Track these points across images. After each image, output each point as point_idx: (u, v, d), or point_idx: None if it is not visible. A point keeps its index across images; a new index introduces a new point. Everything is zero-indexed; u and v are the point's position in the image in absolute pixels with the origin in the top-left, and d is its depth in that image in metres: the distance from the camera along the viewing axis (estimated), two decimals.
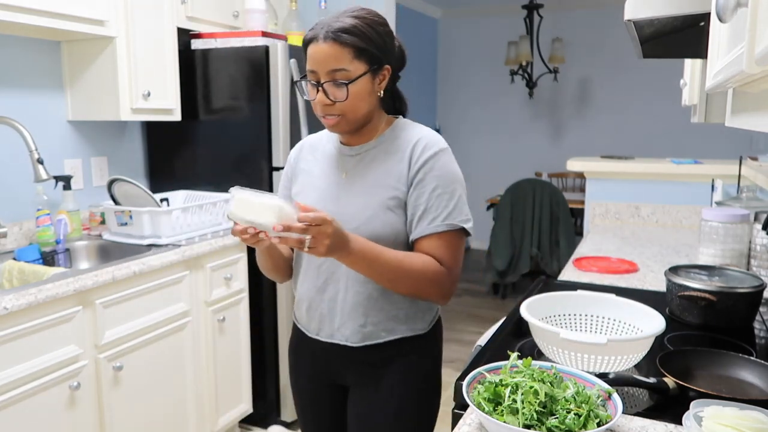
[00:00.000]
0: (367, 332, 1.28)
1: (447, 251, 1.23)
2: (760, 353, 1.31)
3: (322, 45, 1.17)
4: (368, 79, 1.21)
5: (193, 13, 2.51)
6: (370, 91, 1.23)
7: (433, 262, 1.21)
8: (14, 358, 1.60)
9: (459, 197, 1.25)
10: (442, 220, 1.22)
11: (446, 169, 1.25)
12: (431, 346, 1.37)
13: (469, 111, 6.40)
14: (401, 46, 1.31)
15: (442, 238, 1.22)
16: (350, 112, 1.22)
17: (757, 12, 0.54)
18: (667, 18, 1.21)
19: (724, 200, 2.15)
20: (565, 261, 4.25)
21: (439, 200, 1.22)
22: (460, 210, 1.24)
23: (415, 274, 1.19)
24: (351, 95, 1.19)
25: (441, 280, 1.22)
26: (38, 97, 2.29)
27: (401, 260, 1.19)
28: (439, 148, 1.26)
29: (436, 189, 1.22)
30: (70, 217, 2.25)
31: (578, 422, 0.86)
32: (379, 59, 1.21)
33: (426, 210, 1.22)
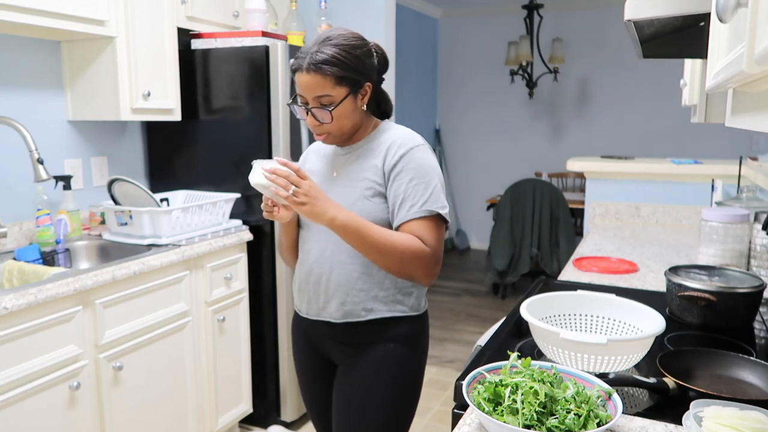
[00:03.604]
0: (347, 310, 1.40)
1: (427, 233, 1.34)
2: (760, 353, 1.31)
3: (306, 76, 1.31)
4: (350, 100, 1.36)
5: (193, 13, 2.51)
6: (354, 109, 1.38)
7: (417, 240, 1.33)
8: (14, 358, 1.60)
9: (435, 187, 1.36)
10: (419, 207, 1.34)
11: (421, 161, 1.37)
12: (413, 337, 1.44)
13: (469, 111, 6.40)
14: (382, 53, 1.44)
15: (421, 223, 1.34)
16: (336, 130, 1.38)
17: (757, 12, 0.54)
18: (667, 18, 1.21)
19: (724, 200, 2.15)
20: (565, 261, 4.26)
21: (415, 189, 1.34)
22: (436, 198, 1.35)
23: (401, 248, 1.31)
24: (335, 117, 1.35)
25: (425, 257, 1.33)
26: (38, 97, 2.29)
27: (389, 234, 1.32)
28: (414, 144, 1.38)
29: (412, 180, 1.35)
30: (70, 217, 2.25)
31: (578, 422, 0.86)
32: (358, 81, 1.35)
33: (404, 199, 1.34)
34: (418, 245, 1.32)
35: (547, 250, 4.54)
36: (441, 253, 1.37)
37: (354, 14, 3.17)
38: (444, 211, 1.36)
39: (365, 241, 1.30)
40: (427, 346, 1.51)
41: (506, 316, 1.55)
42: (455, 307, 4.67)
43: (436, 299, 4.84)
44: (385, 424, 1.43)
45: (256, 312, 2.60)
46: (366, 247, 1.31)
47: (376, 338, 1.41)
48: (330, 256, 1.40)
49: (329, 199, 1.30)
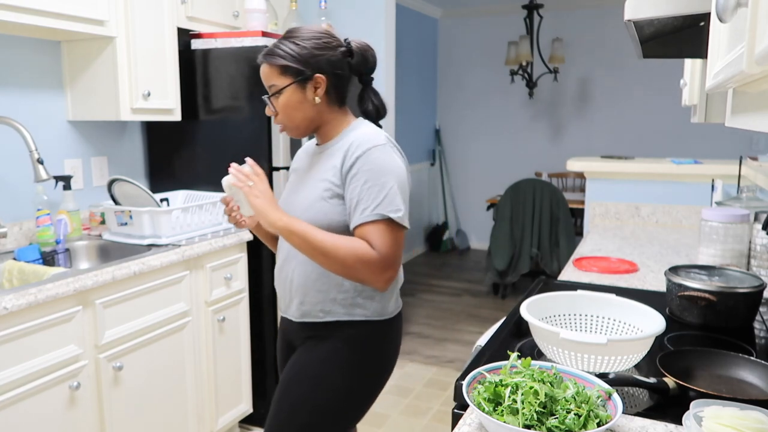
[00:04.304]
0: (305, 310, 1.45)
1: (377, 237, 1.32)
2: (760, 353, 1.31)
3: (261, 67, 1.41)
4: (295, 90, 1.39)
5: (193, 13, 2.51)
6: (301, 101, 1.40)
7: (364, 244, 1.32)
8: (14, 358, 1.60)
9: (390, 189, 1.34)
10: (371, 210, 1.32)
11: (377, 163, 1.35)
12: (369, 343, 1.45)
13: (469, 111, 6.40)
14: (360, 51, 1.43)
15: (373, 227, 1.32)
16: (286, 120, 1.43)
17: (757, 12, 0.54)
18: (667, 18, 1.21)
19: (724, 200, 2.15)
20: (565, 261, 4.26)
21: (369, 192, 1.33)
22: (390, 201, 1.33)
23: (344, 251, 1.31)
24: (281, 106, 1.41)
25: (371, 262, 1.31)
26: (38, 97, 2.29)
27: (334, 238, 1.33)
28: (371, 145, 1.36)
29: (366, 182, 1.33)
30: (70, 217, 2.25)
31: (578, 422, 0.86)
32: (302, 72, 1.38)
33: (358, 201, 1.34)
34: (363, 250, 1.31)
35: (547, 250, 4.54)
36: (393, 257, 1.33)
37: (354, 14, 3.17)
38: (396, 215, 1.32)
39: (308, 244, 1.33)
40: (390, 353, 1.50)
41: (506, 316, 1.55)
42: (455, 307, 4.67)
43: (436, 299, 4.84)
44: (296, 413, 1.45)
45: (256, 312, 2.60)
46: (310, 250, 1.34)
47: (328, 335, 1.44)
48: (295, 255, 1.44)
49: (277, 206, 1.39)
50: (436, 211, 6.71)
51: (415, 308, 4.59)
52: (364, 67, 1.45)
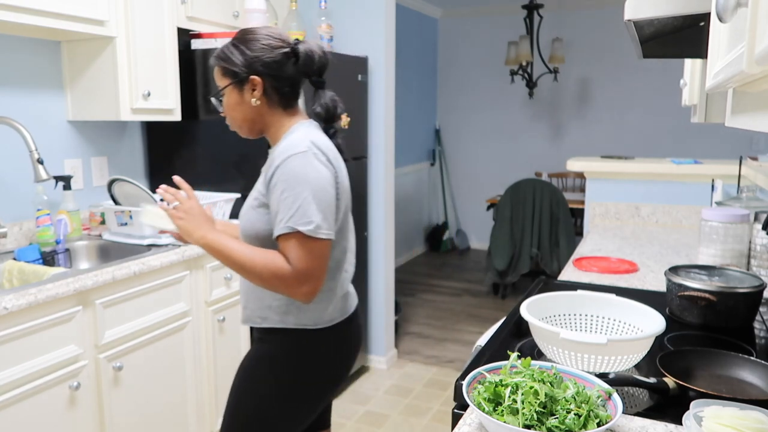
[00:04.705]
0: (247, 315, 1.50)
1: (291, 251, 1.32)
2: (760, 353, 1.31)
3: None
4: (232, 92, 1.42)
5: (193, 13, 2.51)
6: (239, 101, 1.42)
7: (279, 259, 1.32)
8: (14, 358, 1.60)
9: (304, 200, 1.30)
10: (284, 223, 1.31)
11: (292, 173, 1.32)
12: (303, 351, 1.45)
13: (469, 111, 6.40)
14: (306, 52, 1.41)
15: (287, 240, 1.32)
16: (230, 120, 1.47)
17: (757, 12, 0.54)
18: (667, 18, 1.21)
19: (724, 200, 2.15)
20: (565, 261, 4.25)
21: (284, 203, 1.31)
22: (303, 213, 1.30)
23: (259, 266, 1.33)
24: (224, 107, 1.45)
25: (284, 276, 1.32)
26: (38, 97, 2.29)
27: (251, 253, 1.35)
28: (290, 153, 1.34)
29: (283, 192, 1.32)
30: (70, 217, 2.25)
31: (578, 422, 0.86)
32: (236, 73, 1.40)
33: (277, 213, 1.33)
34: (277, 265, 1.31)
35: (547, 250, 4.54)
36: (308, 271, 1.31)
37: (354, 14, 3.17)
38: (307, 228, 1.29)
39: (228, 260, 1.37)
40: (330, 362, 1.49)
41: (506, 316, 1.55)
42: (455, 307, 4.67)
43: (436, 299, 4.84)
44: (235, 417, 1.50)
45: None
46: (230, 265, 1.38)
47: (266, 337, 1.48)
48: None
49: (207, 220, 1.43)
50: (436, 211, 6.71)
51: (415, 308, 4.60)
52: (310, 70, 1.43)
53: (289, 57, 1.40)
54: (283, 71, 1.41)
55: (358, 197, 3.18)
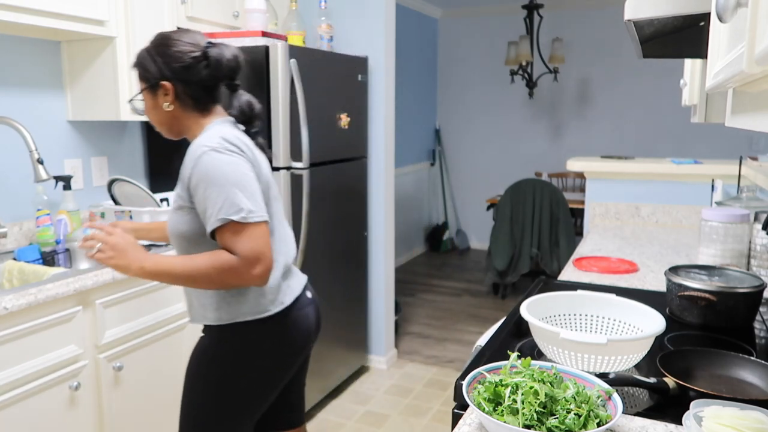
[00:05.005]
0: (193, 314, 1.53)
1: (231, 241, 1.33)
2: (760, 353, 1.31)
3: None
4: (147, 96, 1.46)
5: (193, 13, 2.51)
6: (154, 105, 1.46)
7: (221, 254, 1.34)
8: (14, 358, 1.60)
9: (228, 191, 1.33)
10: (215, 217, 1.33)
11: (209, 168, 1.34)
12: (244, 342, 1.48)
13: (469, 111, 6.40)
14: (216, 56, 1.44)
15: (223, 232, 1.34)
16: (155, 123, 1.50)
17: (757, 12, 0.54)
18: (667, 18, 1.21)
19: (724, 200, 2.15)
20: (565, 261, 4.26)
21: (210, 200, 1.33)
22: (230, 203, 1.32)
23: (205, 269, 1.34)
24: (145, 109, 1.49)
25: (233, 266, 1.33)
26: (38, 97, 2.29)
27: (192, 261, 1.36)
28: (202, 152, 1.35)
29: (206, 190, 1.34)
30: (70, 217, 2.25)
31: (578, 422, 0.86)
32: (149, 79, 1.44)
33: (205, 210, 1.35)
34: (222, 259, 1.33)
35: (547, 250, 4.54)
36: (255, 252, 1.33)
37: (354, 14, 3.17)
38: (238, 216, 1.31)
39: (174, 277, 1.38)
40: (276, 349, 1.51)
41: (506, 316, 1.55)
42: (455, 307, 4.67)
43: (436, 299, 4.84)
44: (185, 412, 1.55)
45: None
46: (178, 281, 1.39)
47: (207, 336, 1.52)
48: None
49: (139, 249, 1.40)
50: (436, 211, 6.71)
51: (415, 308, 4.60)
52: (220, 74, 1.46)
53: (199, 61, 1.43)
54: (193, 76, 1.43)
55: (358, 197, 3.18)
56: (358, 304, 3.27)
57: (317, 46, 2.98)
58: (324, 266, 2.88)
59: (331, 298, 2.96)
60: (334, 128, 2.89)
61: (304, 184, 2.60)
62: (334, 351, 3.01)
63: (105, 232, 1.41)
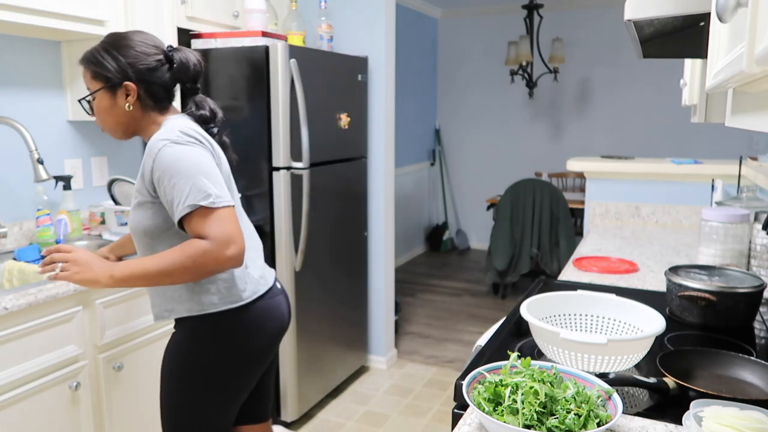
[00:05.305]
0: (156, 312, 1.53)
1: (201, 225, 1.34)
2: (760, 353, 1.31)
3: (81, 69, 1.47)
4: (104, 96, 1.44)
5: (193, 13, 2.51)
6: (112, 105, 1.44)
7: (192, 242, 1.34)
8: (14, 358, 1.60)
9: (193, 179, 1.34)
10: (183, 204, 1.33)
11: (170, 160, 1.35)
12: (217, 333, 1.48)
13: (469, 111, 6.40)
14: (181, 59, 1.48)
15: (191, 218, 1.34)
16: (101, 123, 1.48)
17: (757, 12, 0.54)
18: (667, 18, 1.21)
19: (724, 200, 2.15)
20: (565, 261, 4.26)
21: (176, 189, 1.34)
22: (197, 189, 1.34)
23: (181, 261, 1.33)
24: (95, 110, 1.47)
25: (207, 251, 1.32)
26: (38, 97, 2.29)
27: (163, 257, 1.35)
28: (162, 145, 1.37)
29: (170, 180, 1.34)
30: (70, 217, 2.25)
31: (578, 422, 0.86)
32: (109, 78, 1.42)
33: (172, 200, 1.35)
34: (195, 246, 1.33)
35: (547, 250, 4.54)
36: (226, 234, 1.34)
37: (354, 14, 3.17)
38: (207, 201, 1.33)
39: (148, 278, 1.36)
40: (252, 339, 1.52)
41: (506, 316, 1.55)
42: (455, 307, 4.67)
43: (436, 299, 4.84)
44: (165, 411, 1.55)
45: None
46: (153, 281, 1.37)
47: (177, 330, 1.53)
48: None
49: (102, 260, 1.39)
50: (436, 211, 6.71)
51: (415, 308, 4.60)
52: (185, 77, 1.50)
53: (162, 64, 1.46)
54: (156, 77, 1.45)
55: (358, 197, 3.18)
56: (358, 304, 3.27)
57: (317, 46, 2.98)
58: (324, 266, 2.88)
59: (331, 297, 2.96)
60: (334, 128, 2.89)
61: (304, 184, 2.60)
62: (334, 351, 3.01)
63: (63, 251, 1.39)
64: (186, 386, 1.51)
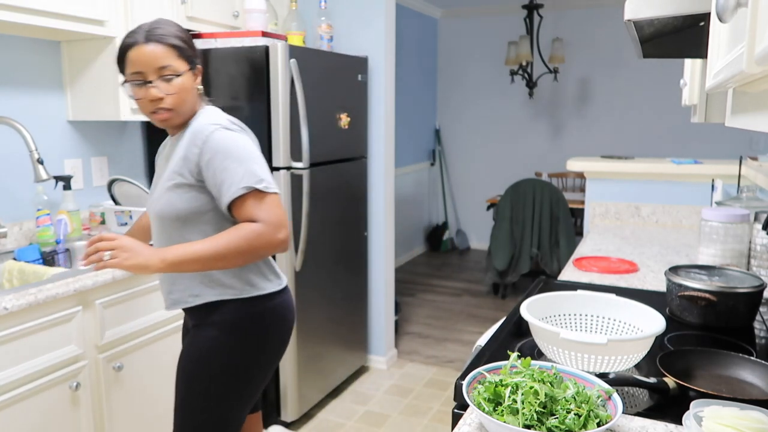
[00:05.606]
0: (175, 298, 1.49)
1: (254, 208, 1.37)
2: (760, 353, 1.31)
3: (147, 47, 1.38)
4: (189, 76, 1.45)
5: (193, 13, 2.51)
6: (192, 87, 1.46)
7: (246, 225, 1.37)
8: (14, 358, 1.60)
9: (246, 162, 1.39)
10: (237, 186, 1.36)
11: (225, 143, 1.39)
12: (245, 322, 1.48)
13: (469, 111, 6.40)
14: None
15: (244, 201, 1.37)
16: (179, 104, 1.43)
17: (757, 12, 0.54)
18: (667, 18, 1.21)
19: (724, 200, 2.15)
20: (565, 261, 4.26)
21: (228, 171, 1.37)
22: (251, 173, 1.38)
23: (235, 244, 1.34)
24: (178, 89, 1.41)
25: (263, 233, 1.36)
26: (38, 97, 2.29)
27: (218, 243, 1.35)
28: (212, 129, 1.40)
29: (223, 162, 1.37)
30: (70, 217, 2.25)
31: (578, 422, 0.86)
32: (193, 60, 1.47)
33: (222, 182, 1.37)
34: (249, 229, 1.35)
35: (547, 250, 4.54)
36: (278, 218, 1.38)
37: (354, 14, 3.17)
38: (261, 185, 1.37)
39: (202, 261, 1.35)
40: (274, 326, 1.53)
41: (506, 316, 1.55)
42: (455, 307, 4.67)
43: (436, 299, 4.84)
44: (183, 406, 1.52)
45: None
46: (207, 265, 1.36)
47: (207, 322, 1.49)
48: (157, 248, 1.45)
49: (148, 246, 1.38)
50: (436, 211, 6.71)
51: (415, 308, 4.60)
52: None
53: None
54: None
55: (358, 197, 3.18)
56: (358, 304, 3.27)
57: (317, 46, 2.98)
58: (324, 266, 2.88)
59: (331, 297, 2.96)
60: (334, 128, 2.89)
61: (304, 184, 2.60)
62: (334, 351, 3.01)
63: (107, 239, 1.34)
64: (218, 385, 1.49)
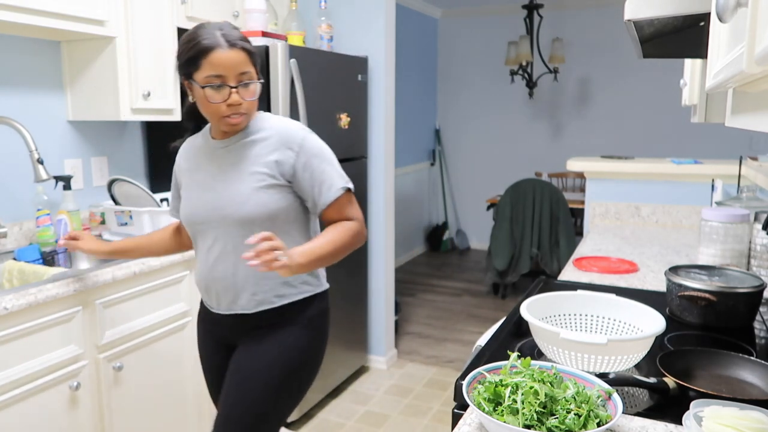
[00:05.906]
0: (260, 299, 1.49)
1: (349, 207, 1.49)
2: (760, 353, 1.31)
3: (231, 51, 1.37)
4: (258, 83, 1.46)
5: (193, 13, 2.51)
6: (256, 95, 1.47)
7: (347, 224, 1.48)
8: (14, 358, 1.60)
9: (335, 165, 1.49)
10: (337, 187, 1.46)
11: (318, 147, 1.47)
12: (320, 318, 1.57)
13: (469, 111, 6.40)
14: None
15: (342, 200, 1.47)
16: (252, 109, 1.45)
17: (757, 12, 0.54)
18: (667, 18, 1.21)
19: (724, 200, 2.15)
20: (565, 261, 4.26)
21: (327, 173, 1.45)
22: (341, 175, 1.48)
23: (347, 242, 1.46)
24: (251, 95, 1.42)
25: (359, 230, 1.50)
26: (38, 97, 2.29)
27: (333, 241, 1.43)
28: (304, 133, 1.47)
29: (321, 164, 1.45)
30: (70, 217, 2.25)
31: (578, 422, 0.86)
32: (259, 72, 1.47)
33: (322, 183, 1.44)
34: (350, 227, 1.47)
35: (547, 250, 4.54)
36: (361, 217, 1.52)
37: (354, 14, 3.17)
38: (351, 185, 1.49)
39: (322, 260, 1.42)
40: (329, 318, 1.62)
41: (506, 316, 1.55)
42: (455, 307, 4.67)
43: (436, 299, 4.84)
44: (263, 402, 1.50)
45: None
46: (324, 263, 1.44)
47: (287, 320, 1.51)
48: (231, 251, 1.46)
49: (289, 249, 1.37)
50: (436, 211, 6.71)
51: (415, 308, 4.60)
52: None
53: None
54: None
55: (358, 197, 3.18)
56: (358, 304, 3.27)
57: (317, 46, 2.98)
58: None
59: (331, 297, 2.96)
60: (334, 128, 2.89)
61: None
62: (334, 351, 3.01)
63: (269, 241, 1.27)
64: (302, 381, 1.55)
